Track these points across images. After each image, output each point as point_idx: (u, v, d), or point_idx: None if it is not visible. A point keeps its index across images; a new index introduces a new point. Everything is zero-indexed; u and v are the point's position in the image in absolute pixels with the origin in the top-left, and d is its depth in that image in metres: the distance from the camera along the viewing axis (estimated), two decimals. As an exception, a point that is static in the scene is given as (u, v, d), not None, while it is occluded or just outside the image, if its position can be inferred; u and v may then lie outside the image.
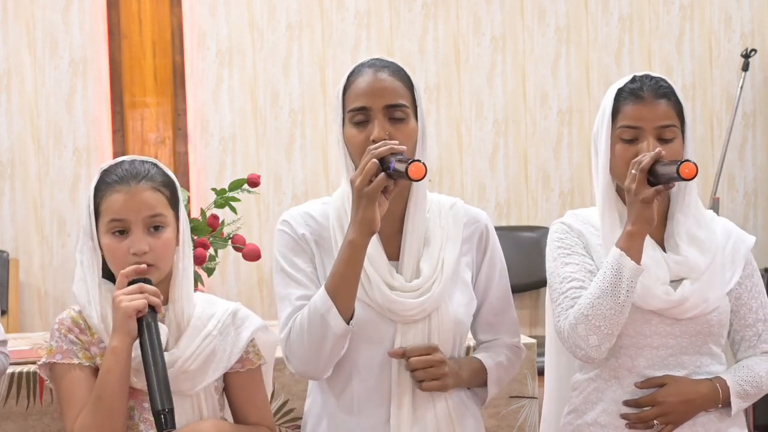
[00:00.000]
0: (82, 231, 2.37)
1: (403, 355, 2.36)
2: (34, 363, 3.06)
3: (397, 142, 2.30)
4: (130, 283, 2.25)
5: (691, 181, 2.47)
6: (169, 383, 2.16)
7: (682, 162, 2.33)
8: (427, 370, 2.35)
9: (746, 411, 2.63)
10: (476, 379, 2.46)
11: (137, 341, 2.23)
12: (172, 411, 2.13)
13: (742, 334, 2.58)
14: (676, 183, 2.42)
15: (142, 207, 2.32)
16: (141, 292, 2.23)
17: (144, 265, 2.28)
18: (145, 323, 2.21)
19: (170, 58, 5.30)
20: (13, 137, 5.30)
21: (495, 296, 2.52)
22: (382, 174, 2.24)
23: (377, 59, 2.46)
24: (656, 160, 2.38)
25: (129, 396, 2.28)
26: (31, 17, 5.29)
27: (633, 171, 2.39)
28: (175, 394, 2.29)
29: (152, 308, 2.23)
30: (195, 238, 3.34)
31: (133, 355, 2.24)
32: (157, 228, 2.32)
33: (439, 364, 2.37)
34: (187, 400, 2.33)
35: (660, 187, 2.38)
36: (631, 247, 2.40)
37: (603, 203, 2.52)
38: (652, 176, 2.38)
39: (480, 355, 2.49)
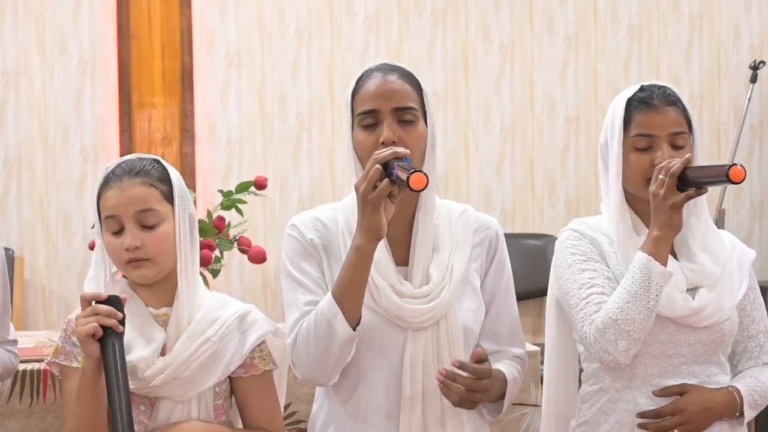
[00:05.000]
0: (95, 230, 2.37)
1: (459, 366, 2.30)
2: (37, 361, 3.07)
3: (401, 147, 2.29)
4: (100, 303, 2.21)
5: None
6: (131, 407, 2.12)
7: (731, 165, 2.33)
8: (473, 394, 2.30)
9: (749, 423, 2.63)
10: (498, 393, 2.43)
11: None
12: None
13: (744, 345, 2.58)
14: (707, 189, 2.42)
15: (132, 202, 2.30)
16: (95, 315, 2.18)
17: (104, 294, 2.23)
18: (107, 345, 2.17)
19: (179, 60, 5.31)
20: (20, 136, 5.31)
21: (501, 304, 2.51)
22: (386, 180, 2.22)
23: (386, 64, 2.46)
24: (685, 166, 2.38)
25: None
26: (41, 17, 5.30)
27: (661, 176, 2.38)
28: (165, 400, 2.29)
29: (112, 329, 2.17)
30: (201, 239, 3.35)
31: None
32: (148, 223, 2.30)
33: (485, 390, 2.32)
34: (178, 406, 2.31)
35: (692, 191, 2.38)
36: (658, 251, 2.39)
37: (616, 212, 2.51)
38: (680, 182, 2.38)
39: (501, 368, 2.45)
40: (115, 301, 2.22)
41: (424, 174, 2.18)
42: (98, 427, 2.24)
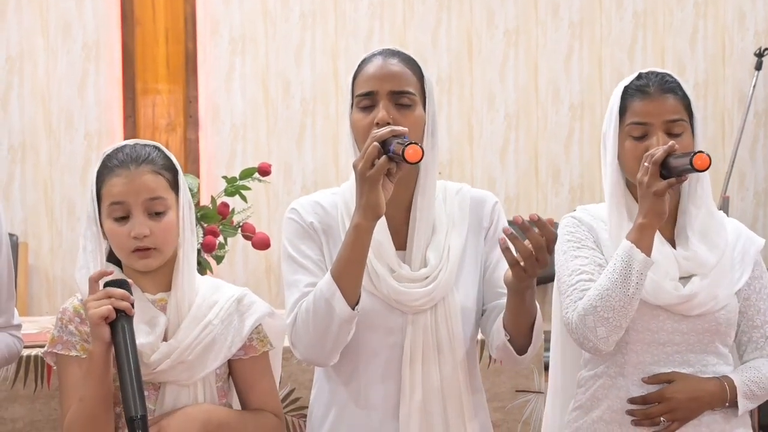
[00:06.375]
0: (86, 217, 2.35)
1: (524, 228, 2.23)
2: (41, 347, 3.06)
3: (400, 126, 2.29)
4: (109, 285, 2.23)
5: (703, 174, 2.47)
6: (143, 389, 2.13)
7: (695, 153, 2.33)
8: (533, 263, 2.22)
9: (751, 411, 2.63)
10: (530, 318, 2.37)
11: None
12: (145, 418, 2.10)
13: (749, 336, 2.57)
14: (689, 176, 2.42)
15: (142, 190, 2.30)
16: (108, 297, 2.19)
17: (111, 270, 2.26)
18: (118, 328, 2.17)
19: (183, 45, 5.30)
20: (24, 121, 5.31)
21: (498, 263, 2.46)
22: (384, 157, 2.22)
23: (389, 48, 2.46)
24: (669, 154, 2.38)
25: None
26: (45, 2, 5.29)
27: (645, 164, 2.39)
28: (171, 384, 2.31)
29: (124, 312, 2.19)
30: (205, 225, 3.35)
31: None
32: (158, 211, 2.31)
33: (547, 254, 2.24)
34: (184, 390, 2.32)
35: (672, 180, 2.38)
36: (642, 239, 2.40)
37: (611, 199, 2.52)
38: (665, 169, 2.38)
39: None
40: (124, 284, 2.23)
41: (420, 146, 2.18)
42: (105, 411, 2.24)
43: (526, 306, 2.34)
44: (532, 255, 2.23)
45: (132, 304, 2.21)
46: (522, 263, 2.24)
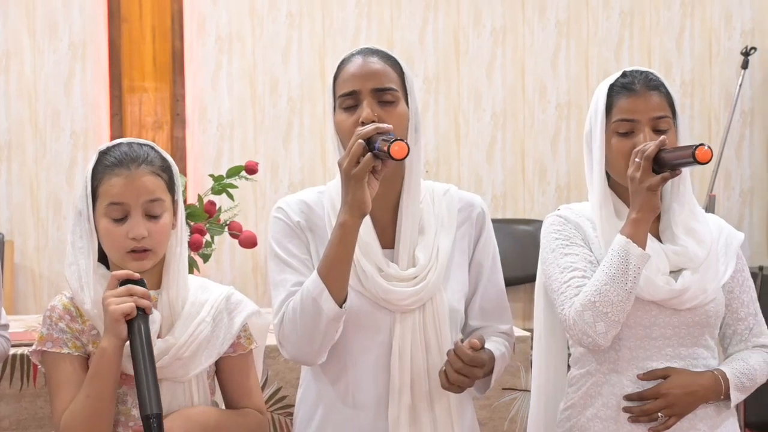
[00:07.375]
0: (76, 213, 2.34)
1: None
2: (28, 345, 3.07)
3: (384, 123, 2.29)
4: (123, 283, 2.24)
5: (685, 172, 2.49)
6: (158, 387, 2.14)
7: (698, 146, 2.34)
8: (462, 379, 2.31)
9: (737, 407, 2.64)
10: (486, 370, 2.43)
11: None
12: (160, 416, 2.11)
13: (734, 328, 2.60)
14: (681, 170, 2.43)
15: (142, 191, 2.30)
16: (130, 295, 2.20)
17: (137, 274, 2.26)
18: (136, 326, 2.18)
19: (170, 43, 5.30)
20: (10, 120, 5.29)
21: (488, 281, 2.51)
22: (369, 154, 2.22)
23: (367, 47, 2.46)
24: (660, 149, 2.39)
25: (123, 382, 2.27)
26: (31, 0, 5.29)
27: (637, 159, 2.40)
28: (167, 381, 2.31)
29: (143, 310, 2.21)
30: (192, 224, 3.34)
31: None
32: (155, 213, 2.31)
33: (474, 378, 2.34)
34: (179, 387, 2.33)
35: (667, 174, 2.39)
36: (637, 234, 2.41)
37: (599, 198, 2.53)
38: (656, 164, 2.40)
39: (488, 346, 2.44)
40: (141, 283, 2.24)
41: (405, 143, 2.19)
42: (110, 408, 2.25)
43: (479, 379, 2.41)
44: (461, 375, 2.30)
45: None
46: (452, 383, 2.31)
